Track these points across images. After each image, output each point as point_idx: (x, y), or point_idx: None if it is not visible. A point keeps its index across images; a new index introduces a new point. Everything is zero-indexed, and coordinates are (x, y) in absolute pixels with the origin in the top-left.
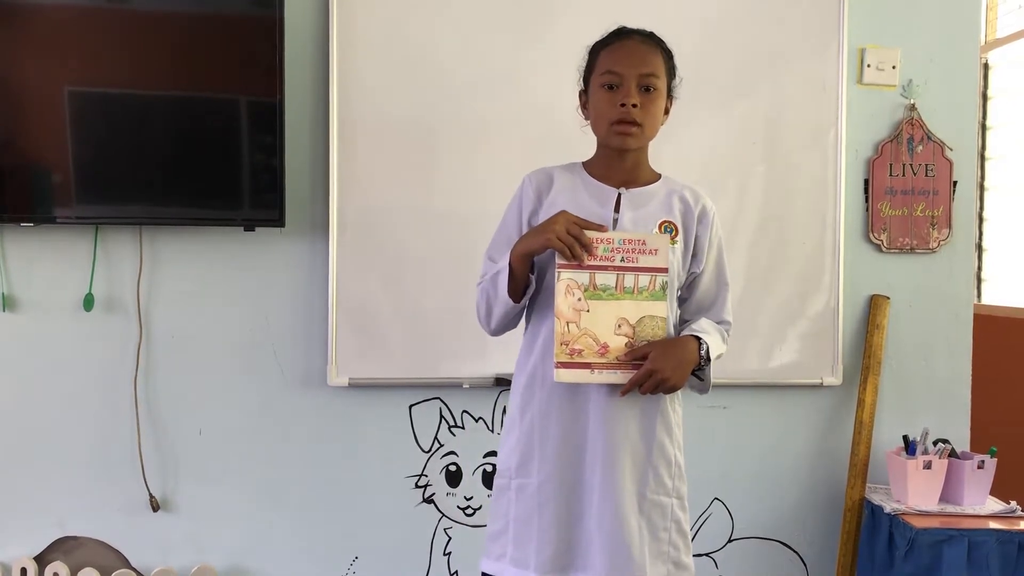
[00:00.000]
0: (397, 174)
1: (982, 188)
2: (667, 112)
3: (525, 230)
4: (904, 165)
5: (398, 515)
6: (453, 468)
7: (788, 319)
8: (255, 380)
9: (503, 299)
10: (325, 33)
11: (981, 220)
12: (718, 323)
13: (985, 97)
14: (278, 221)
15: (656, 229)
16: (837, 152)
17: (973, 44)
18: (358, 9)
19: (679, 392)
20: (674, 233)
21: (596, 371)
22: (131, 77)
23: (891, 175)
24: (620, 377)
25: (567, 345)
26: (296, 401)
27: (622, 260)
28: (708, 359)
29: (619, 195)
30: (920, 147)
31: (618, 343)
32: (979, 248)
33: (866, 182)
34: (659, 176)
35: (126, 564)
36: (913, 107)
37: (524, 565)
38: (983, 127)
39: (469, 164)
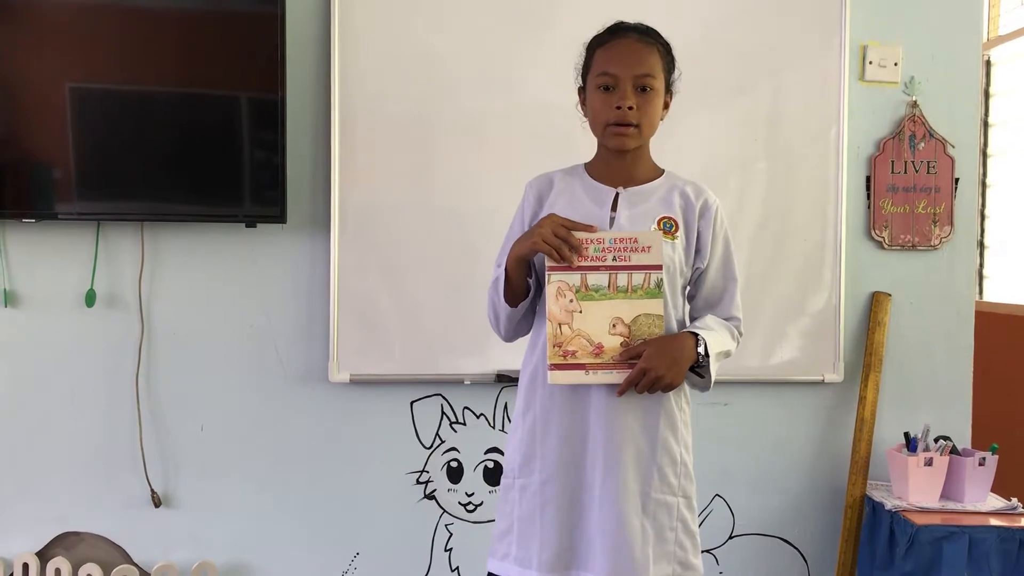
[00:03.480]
0: (398, 170)
1: (984, 185)
2: (667, 107)
3: None
4: (906, 162)
5: (399, 511)
6: (454, 464)
7: (789, 316)
8: (256, 376)
9: (503, 305)
10: (326, 29)
11: (983, 217)
12: (726, 319)
13: (987, 94)
14: (279, 217)
15: (655, 225)
16: (839, 149)
17: (975, 41)
18: (359, 5)
19: (686, 391)
20: (674, 229)
21: (591, 372)
22: (133, 73)
23: (893, 172)
24: (616, 377)
25: (560, 347)
26: (297, 397)
27: (614, 259)
28: (707, 355)
29: (616, 194)
30: (922, 144)
31: (613, 343)
32: (981, 245)
33: (868, 179)
34: (661, 172)
35: (128, 560)
36: (915, 104)
37: (527, 564)
38: (985, 124)
39: (470, 160)
